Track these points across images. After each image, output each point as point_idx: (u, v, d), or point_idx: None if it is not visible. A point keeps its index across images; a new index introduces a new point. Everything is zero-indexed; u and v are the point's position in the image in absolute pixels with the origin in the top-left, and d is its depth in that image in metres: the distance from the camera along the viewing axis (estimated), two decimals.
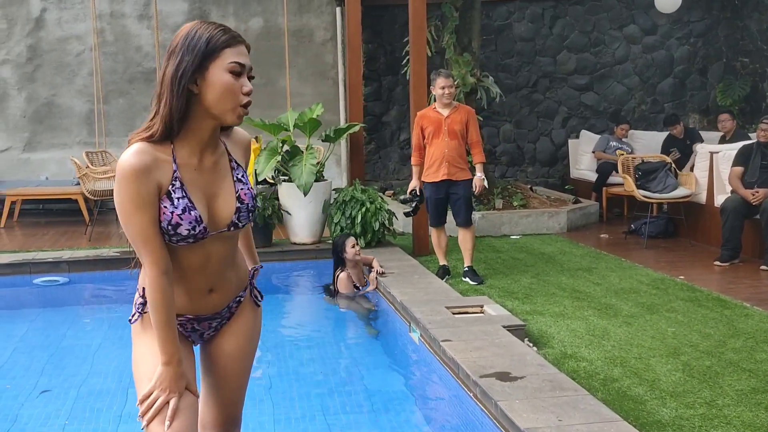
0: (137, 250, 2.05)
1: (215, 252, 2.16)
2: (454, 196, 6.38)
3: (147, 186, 1.99)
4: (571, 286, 6.28)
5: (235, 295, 2.30)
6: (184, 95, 1.99)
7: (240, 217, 2.16)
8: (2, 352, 5.29)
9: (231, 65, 2.00)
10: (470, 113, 6.43)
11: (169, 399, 2.05)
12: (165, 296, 2.04)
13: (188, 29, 2.03)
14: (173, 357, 2.06)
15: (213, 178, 2.13)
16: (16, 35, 10.71)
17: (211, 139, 2.12)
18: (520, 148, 11.73)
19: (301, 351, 5.29)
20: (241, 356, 2.34)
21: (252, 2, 11.09)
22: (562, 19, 11.60)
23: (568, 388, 3.59)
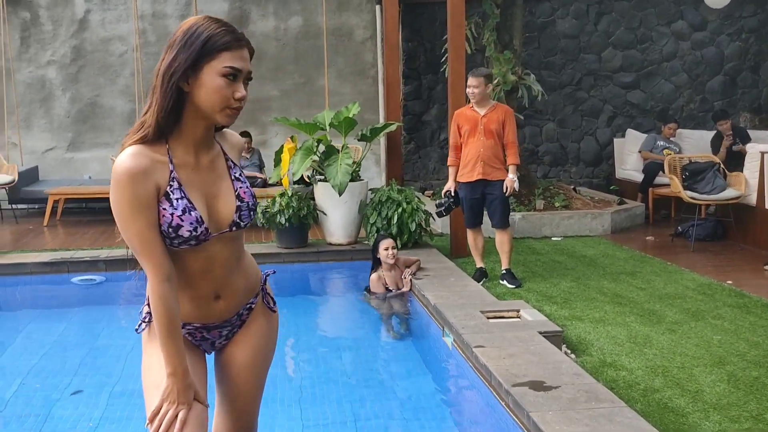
0: (137, 257, 1.97)
1: (219, 255, 2.07)
2: (490, 197, 6.23)
3: (144, 189, 1.91)
4: (612, 291, 6.08)
5: (244, 301, 2.21)
6: (174, 92, 1.92)
7: (241, 216, 2.08)
8: (39, 350, 5.32)
9: (225, 69, 1.92)
10: (507, 112, 6.26)
11: (178, 411, 1.98)
12: (168, 304, 1.95)
13: (190, 24, 1.95)
14: (178, 368, 1.98)
15: (211, 178, 2.06)
16: (61, 36, 10.86)
17: (205, 139, 2.04)
18: (564, 148, 11.49)
19: (333, 354, 5.21)
20: (253, 366, 2.25)
21: (292, 1, 11.07)
22: (608, 15, 11.33)
23: (605, 400, 3.43)
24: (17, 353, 5.35)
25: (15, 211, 10.06)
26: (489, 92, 6.26)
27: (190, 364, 2.11)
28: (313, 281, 7.22)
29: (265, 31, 11.09)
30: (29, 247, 7.91)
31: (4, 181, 9.50)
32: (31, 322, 6.12)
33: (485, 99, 6.24)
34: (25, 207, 10.42)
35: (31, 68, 10.86)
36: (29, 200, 10.02)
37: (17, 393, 4.46)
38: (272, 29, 11.11)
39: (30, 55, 10.85)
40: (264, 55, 11.09)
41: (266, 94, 11.08)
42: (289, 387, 4.53)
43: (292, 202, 7.01)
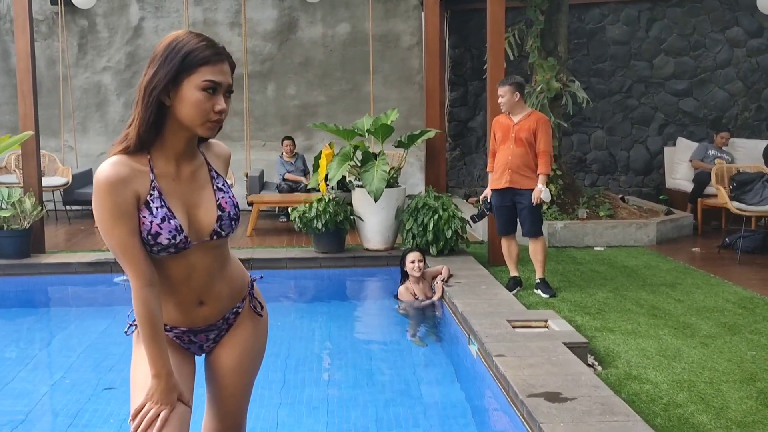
0: (120, 262, 2.03)
1: (199, 263, 2.13)
2: (519, 206, 6.18)
3: (124, 197, 1.97)
4: (649, 303, 5.97)
5: (229, 306, 2.26)
6: (155, 106, 1.97)
7: (222, 225, 2.13)
8: (78, 347, 5.50)
9: (204, 83, 1.96)
10: (541, 121, 6.17)
11: (160, 411, 2.04)
12: (150, 309, 2.01)
13: (171, 39, 2.00)
14: (162, 370, 2.04)
15: (192, 188, 2.11)
16: (116, 43, 11.19)
17: (188, 150, 2.09)
18: (612, 156, 11.32)
19: (362, 359, 5.24)
20: (240, 369, 2.30)
21: (340, 8, 11.17)
22: (660, 21, 11.13)
23: (620, 413, 3.38)
24: (59, 349, 5.54)
25: (68, 212, 10.40)
26: (518, 101, 6.16)
27: (179, 365, 2.17)
28: (348, 286, 7.28)
29: (313, 38, 11.22)
30: (79, 247, 8.16)
31: (59, 183, 9.83)
32: (73, 320, 6.32)
33: (518, 107, 6.18)
34: (79, 208, 10.75)
35: (88, 74, 11.22)
36: (82, 202, 10.32)
37: (54, 387, 4.62)
38: (320, 36, 11.23)
39: (87, 62, 11.20)
40: (311, 62, 11.23)
41: (313, 100, 11.21)
42: (317, 390, 4.58)
43: (329, 208, 7.08)
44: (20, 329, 6.13)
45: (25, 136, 7.26)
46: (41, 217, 7.47)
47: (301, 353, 5.31)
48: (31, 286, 7.07)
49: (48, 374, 4.97)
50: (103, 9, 11.08)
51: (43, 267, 7.10)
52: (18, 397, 4.46)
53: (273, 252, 7.53)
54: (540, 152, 6.11)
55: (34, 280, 7.09)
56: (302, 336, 5.77)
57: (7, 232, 7.12)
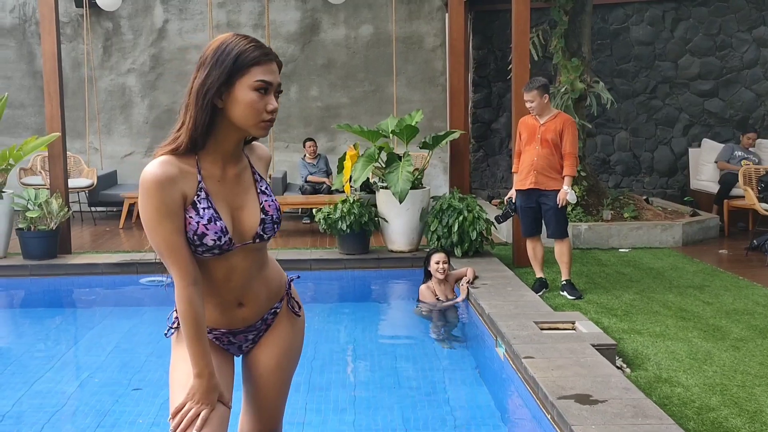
0: (164, 261, 2.03)
1: (240, 265, 2.13)
2: (544, 207, 6.14)
3: (172, 196, 1.97)
4: (677, 305, 5.90)
5: (267, 307, 2.26)
6: (209, 109, 1.98)
7: (265, 229, 2.13)
8: (106, 347, 5.52)
9: (257, 83, 1.97)
10: (567, 122, 6.12)
11: (200, 411, 2.04)
12: (194, 308, 2.01)
13: (220, 42, 2.01)
14: (204, 370, 2.04)
15: (237, 190, 2.11)
16: (140, 45, 11.27)
17: (235, 152, 2.10)
18: (636, 157, 11.22)
19: (388, 361, 5.22)
20: (278, 369, 2.30)
21: (363, 10, 11.18)
22: (685, 21, 11.02)
23: (652, 416, 3.34)
24: (86, 349, 5.57)
25: (94, 213, 10.48)
26: (546, 102, 6.12)
27: (218, 366, 2.17)
28: (373, 288, 7.27)
29: (336, 40, 11.23)
30: (104, 248, 8.22)
31: (84, 185, 9.91)
32: (101, 320, 6.35)
33: (545, 108, 6.15)
34: (104, 209, 10.85)
35: (113, 76, 11.30)
36: (107, 203, 10.41)
37: (81, 387, 4.64)
38: (343, 37, 11.24)
39: (111, 64, 11.29)
40: (334, 63, 11.24)
41: (336, 101, 11.23)
42: (343, 391, 4.57)
43: (354, 209, 7.07)
44: (47, 329, 6.17)
45: (51, 138, 7.33)
46: (68, 218, 7.53)
47: (327, 355, 5.30)
48: (58, 286, 7.13)
49: (75, 374, 5.00)
50: (127, 11, 11.16)
51: (70, 268, 7.16)
52: (46, 396, 4.49)
53: (297, 253, 7.54)
54: (566, 154, 6.07)
55: (61, 281, 7.15)
56: (327, 337, 5.77)
57: (34, 233, 7.18)
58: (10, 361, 5.21)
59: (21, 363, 5.13)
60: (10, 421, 4.09)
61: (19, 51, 11.28)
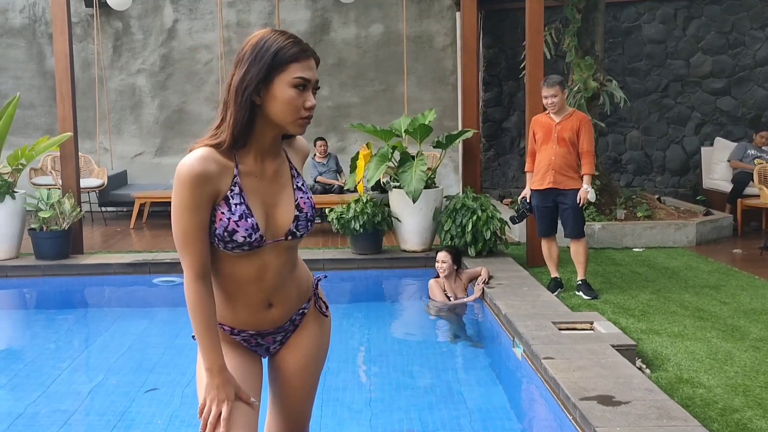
0: (179, 252, 2.01)
1: (272, 263, 2.10)
2: (562, 206, 6.09)
3: (202, 192, 1.95)
4: (694, 305, 5.85)
5: (296, 308, 2.23)
6: (248, 106, 1.95)
7: (298, 226, 2.10)
8: (120, 347, 5.50)
9: (296, 80, 1.95)
10: (583, 120, 6.08)
11: (220, 408, 2.01)
12: (201, 301, 1.99)
13: (258, 38, 1.98)
14: (214, 363, 2.01)
15: (274, 187, 2.09)
16: (150, 45, 11.26)
17: (273, 147, 2.08)
18: (648, 156, 11.16)
19: (404, 361, 5.19)
20: (305, 370, 2.27)
21: (373, 9, 11.15)
22: (697, 19, 10.95)
23: (677, 417, 3.30)
24: (100, 350, 5.55)
25: (104, 213, 10.48)
26: (564, 99, 6.11)
27: (247, 367, 2.14)
28: (386, 288, 7.24)
29: (346, 39, 11.21)
30: (116, 248, 8.21)
31: (95, 185, 9.91)
32: (114, 321, 6.34)
33: (562, 107, 6.12)
34: (114, 210, 10.84)
35: (123, 76, 11.30)
36: (118, 203, 10.40)
37: (96, 388, 4.61)
38: (353, 37, 11.22)
39: (121, 64, 11.28)
40: (345, 63, 11.21)
41: (346, 101, 11.20)
42: (359, 392, 4.54)
43: (367, 209, 7.04)
44: (61, 330, 6.16)
45: (63, 138, 7.32)
46: (80, 218, 7.52)
47: (342, 355, 5.27)
48: (70, 286, 7.12)
49: (90, 375, 4.97)
50: (137, 11, 11.16)
51: (82, 268, 7.14)
52: (61, 398, 4.47)
53: (310, 253, 7.51)
54: (583, 152, 6.02)
55: (73, 281, 7.13)
56: (341, 338, 5.73)
57: (46, 233, 7.17)
58: (25, 362, 5.19)
59: (35, 364, 5.11)
60: (26, 422, 4.07)
61: (29, 51, 11.28)
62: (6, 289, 7.12)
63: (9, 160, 7.34)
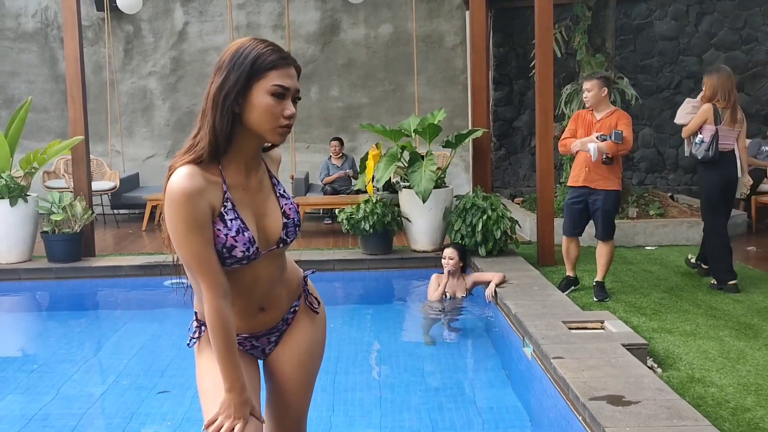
0: (193, 274, 1.99)
1: (264, 271, 2.09)
2: (594, 206, 5.99)
3: (200, 208, 1.93)
4: (707, 303, 5.80)
5: (287, 307, 2.23)
6: (229, 115, 1.93)
7: (288, 233, 2.10)
8: (130, 350, 5.52)
9: (274, 88, 1.93)
10: (621, 117, 5.93)
11: (233, 426, 2.00)
12: (224, 320, 1.97)
13: (238, 46, 1.97)
14: (236, 383, 2.00)
15: (260, 197, 2.08)
16: (161, 48, 11.30)
17: (255, 158, 2.07)
18: (661, 154, 11.09)
19: (414, 361, 5.18)
20: (299, 366, 2.26)
21: (382, 9, 11.14)
22: (710, 15, 10.87)
23: (688, 417, 3.26)
24: (111, 352, 5.57)
25: (116, 216, 10.53)
26: (604, 96, 5.95)
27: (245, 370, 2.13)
28: (396, 288, 7.22)
29: (355, 39, 11.20)
30: (128, 250, 8.24)
31: (107, 187, 9.95)
32: (125, 323, 6.36)
33: (603, 103, 5.98)
34: (126, 212, 10.89)
35: (134, 79, 11.35)
36: (130, 205, 10.45)
37: (108, 390, 4.64)
38: (362, 37, 11.21)
39: (132, 67, 11.33)
40: (354, 63, 11.21)
41: (356, 101, 11.19)
42: (368, 393, 4.53)
43: (377, 209, 7.03)
44: (73, 332, 6.19)
45: (75, 141, 7.36)
46: (92, 220, 7.55)
47: (351, 356, 5.27)
48: (82, 289, 7.16)
49: (101, 377, 5.00)
50: (147, 14, 11.20)
51: (94, 270, 7.18)
52: (72, 399, 4.49)
53: (320, 254, 7.51)
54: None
55: (85, 284, 7.17)
56: (351, 338, 5.73)
57: (58, 236, 7.21)
58: (37, 363, 5.23)
59: (48, 366, 5.14)
60: (39, 423, 4.09)
61: (42, 55, 11.35)
62: (19, 291, 7.17)
63: (22, 163, 7.38)
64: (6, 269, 7.17)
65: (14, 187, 7.17)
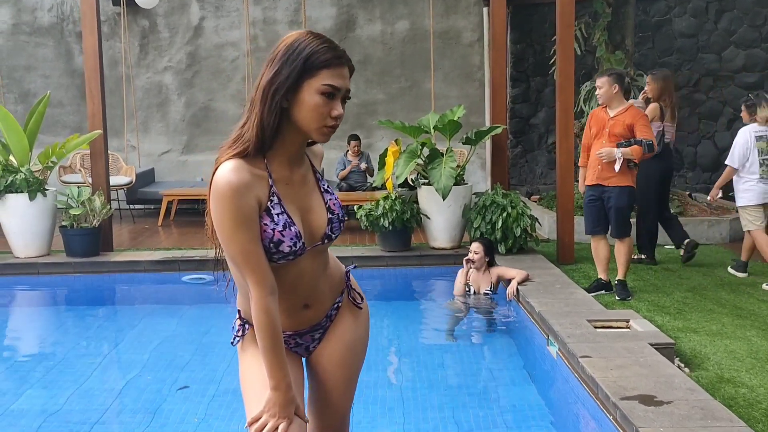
0: (240, 271, 1.95)
1: (308, 267, 2.06)
2: (607, 204, 5.95)
3: (248, 203, 1.89)
4: (731, 302, 5.74)
5: (331, 304, 2.20)
6: (277, 110, 1.90)
7: (333, 228, 2.07)
8: (149, 345, 5.51)
9: (324, 87, 1.89)
10: (637, 116, 5.87)
11: (278, 425, 1.97)
12: (272, 318, 1.93)
13: (293, 39, 1.92)
14: (282, 382, 1.96)
15: (304, 192, 2.04)
16: (177, 43, 11.28)
17: (299, 152, 2.03)
18: (679, 152, 10.98)
19: (435, 359, 5.15)
20: (342, 363, 2.22)
21: (398, 5, 11.08)
22: (729, 12, 10.77)
23: (722, 418, 3.22)
24: (130, 347, 5.56)
25: (132, 211, 10.52)
26: (616, 93, 5.89)
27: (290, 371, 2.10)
28: (415, 285, 7.18)
29: (371, 35, 11.15)
30: (144, 245, 8.23)
31: (123, 183, 9.95)
32: (144, 318, 6.35)
33: (615, 100, 5.92)
34: (142, 207, 10.88)
35: (149, 74, 11.33)
36: (145, 201, 10.44)
37: (128, 385, 4.62)
38: (379, 33, 11.16)
39: (148, 62, 11.32)
40: (370, 59, 11.16)
41: (372, 98, 11.15)
42: (390, 391, 4.50)
43: (396, 206, 6.99)
44: (93, 327, 6.18)
45: (94, 135, 7.35)
46: (110, 215, 7.54)
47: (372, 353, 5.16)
48: (101, 283, 7.15)
49: (122, 372, 4.98)
50: (164, 9, 11.18)
51: (112, 265, 7.17)
52: (93, 395, 4.48)
53: (338, 251, 7.47)
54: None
55: (104, 278, 7.16)
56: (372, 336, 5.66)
57: (77, 231, 7.20)
58: (58, 359, 5.22)
59: (68, 361, 5.13)
60: (61, 419, 4.08)
61: (57, 50, 11.35)
62: (38, 286, 7.17)
63: (40, 158, 7.38)
64: (24, 263, 7.18)
65: (33, 181, 7.17)
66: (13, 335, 6.19)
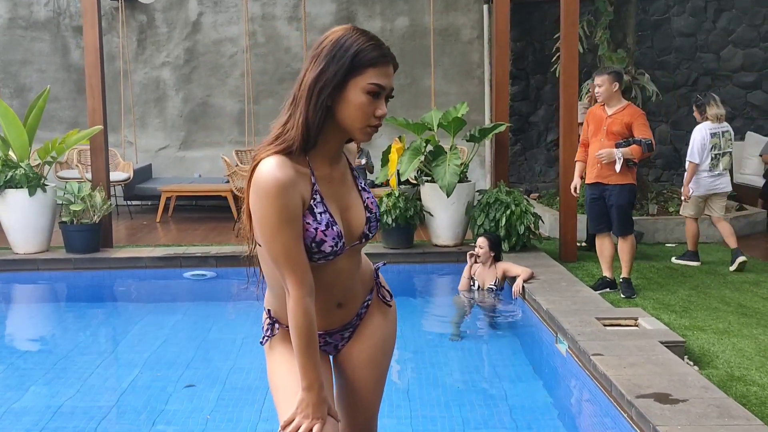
0: (280, 270, 1.90)
1: (344, 266, 2.02)
2: (608, 202, 5.96)
3: (293, 199, 1.85)
4: (736, 301, 5.74)
5: (362, 302, 2.17)
6: (323, 108, 1.85)
7: (371, 228, 2.04)
8: (153, 342, 5.46)
9: (370, 86, 1.84)
10: (635, 114, 5.86)
11: (312, 426, 1.93)
12: (309, 319, 1.90)
13: (339, 35, 1.87)
14: (314, 382, 1.93)
15: (343, 190, 2.01)
16: (175, 39, 11.21)
17: (339, 150, 2.00)
18: (677, 151, 11.01)
19: (441, 357, 5.12)
20: (371, 361, 2.19)
21: (398, 1, 11.06)
22: (728, 11, 10.79)
23: (739, 416, 3.21)
24: (133, 345, 5.51)
25: (130, 207, 10.46)
26: (616, 91, 5.89)
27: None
28: (418, 282, 7.16)
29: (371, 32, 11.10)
30: (143, 242, 8.18)
31: (120, 178, 9.88)
32: (146, 315, 6.30)
33: (614, 98, 5.92)
34: (139, 203, 10.82)
35: (147, 69, 11.26)
36: (143, 197, 10.38)
37: (133, 384, 4.57)
38: (378, 30, 11.11)
39: (146, 57, 11.25)
40: None
41: None
42: (396, 389, 4.47)
43: (399, 203, 6.97)
44: (95, 324, 6.14)
45: (94, 131, 7.29)
46: (110, 211, 7.49)
47: None
48: (101, 280, 7.10)
49: (126, 370, 4.93)
50: (162, 4, 11.12)
51: (113, 261, 7.12)
52: (98, 392, 4.44)
53: None
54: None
55: (104, 275, 7.11)
56: None
57: (77, 227, 7.15)
58: (60, 356, 5.17)
59: (71, 358, 5.08)
60: (65, 417, 4.03)
61: (54, 44, 11.26)
62: (37, 282, 7.12)
63: (39, 153, 7.32)
64: (24, 259, 7.12)
65: (33, 177, 7.11)
66: (13, 332, 6.14)
